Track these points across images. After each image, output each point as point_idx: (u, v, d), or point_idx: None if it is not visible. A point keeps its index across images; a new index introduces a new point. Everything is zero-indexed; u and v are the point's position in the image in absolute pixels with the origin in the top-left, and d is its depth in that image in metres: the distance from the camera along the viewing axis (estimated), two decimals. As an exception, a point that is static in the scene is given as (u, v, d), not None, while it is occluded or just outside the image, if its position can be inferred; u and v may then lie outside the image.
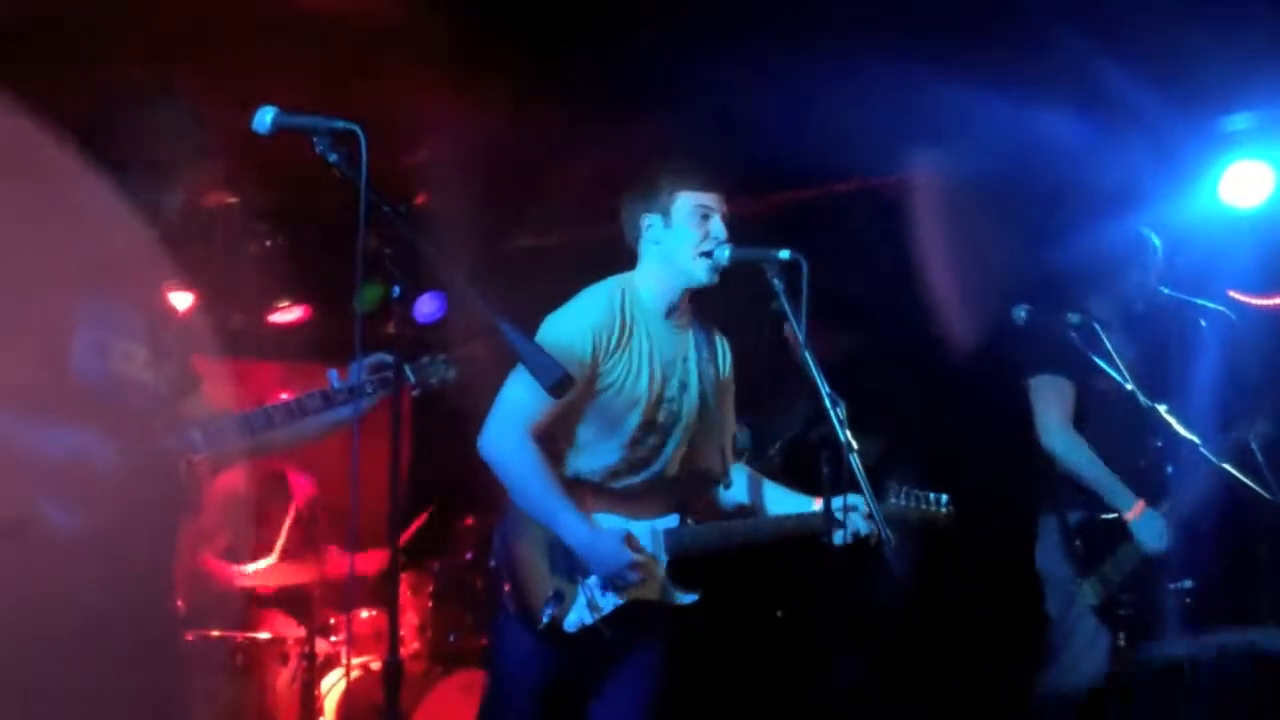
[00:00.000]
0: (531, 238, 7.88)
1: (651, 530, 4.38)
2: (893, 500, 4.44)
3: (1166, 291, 5.49)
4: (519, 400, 4.23)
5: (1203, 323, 5.41)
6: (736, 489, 4.66)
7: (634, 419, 4.37)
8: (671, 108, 5.88)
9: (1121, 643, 5.42)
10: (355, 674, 6.59)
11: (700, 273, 4.38)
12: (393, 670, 3.24)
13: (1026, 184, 6.18)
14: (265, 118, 3.28)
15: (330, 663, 6.65)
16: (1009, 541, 5.86)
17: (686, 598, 4.39)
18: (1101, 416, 5.51)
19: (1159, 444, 5.39)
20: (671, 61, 5.65)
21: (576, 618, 4.25)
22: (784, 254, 4.09)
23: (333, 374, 3.84)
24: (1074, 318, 5.19)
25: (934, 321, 6.28)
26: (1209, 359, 5.43)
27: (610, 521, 4.34)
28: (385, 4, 5.14)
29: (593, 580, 4.26)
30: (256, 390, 7.69)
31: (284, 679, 6.45)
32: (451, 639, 6.84)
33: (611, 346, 4.31)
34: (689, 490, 4.55)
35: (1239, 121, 6.26)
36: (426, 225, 5.84)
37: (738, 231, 4.42)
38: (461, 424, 4.50)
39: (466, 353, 4.03)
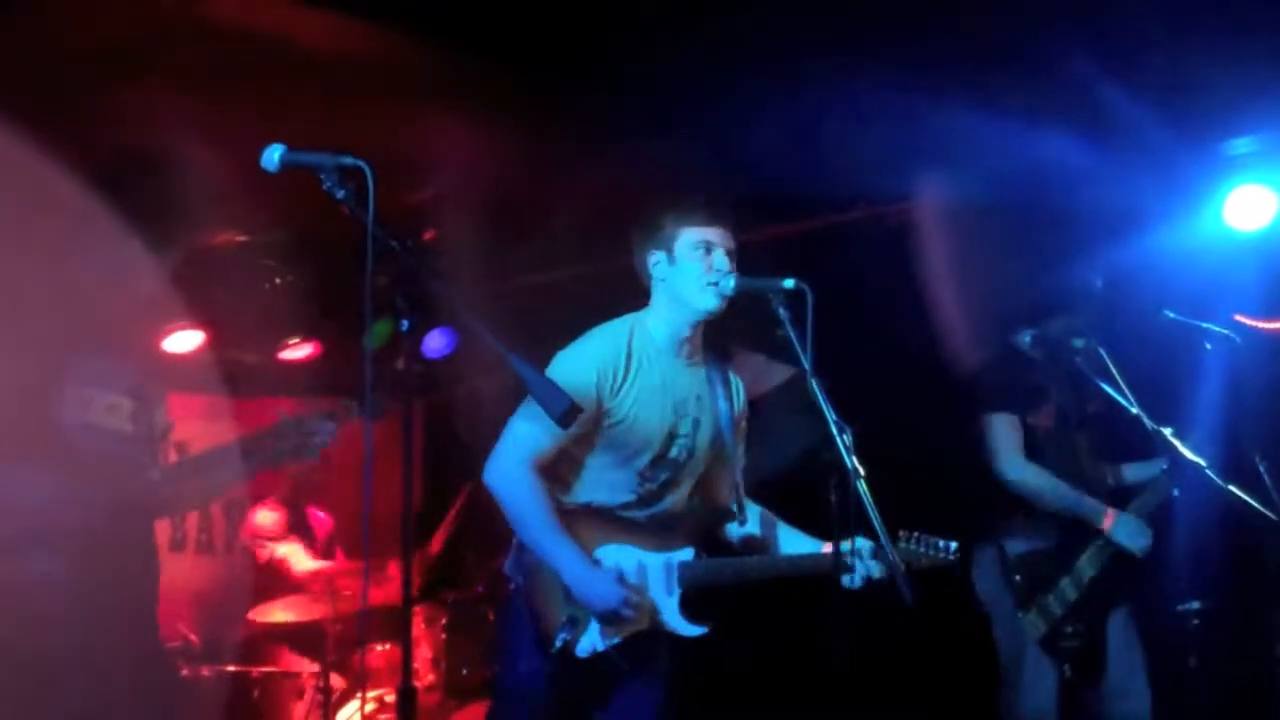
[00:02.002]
0: (539, 272, 7.91)
1: (666, 562, 4.42)
2: (903, 544, 4.44)
3: (1171, 315, 5.51)
4: (524, 433, 4.30)
5: (1208, 346, 5.43)
6: (750, 525, 4.69)
7: (645, 455, 4.42)
8: (677, 140, 5.91)
9: (1068, 674, 5.43)
10: (370, 706, 6.61)
11: (708, 302, 4.42)
12: (406, 696, 3.27)
13: (1031, 209, 6.19)
14: (273, 155, 3.31)
15: (345, 696, 6.66)
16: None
17: (695, 630, 4.42)
18: (1032, 450, 5.56)
19: (1084, 476, 5.46)
20: (676, 94, 5.67)
21: (589, 644, 4.29)
22: (789, 283, 4.13)
23: (283, 413, 3.96)
24: (1078, 342, 5.22)
25: (940, 347, 6.28)
26: (1214, 382, 5.45)
27: (624, 552, 4.39)
28: (390, 43, 5.18)
29: None
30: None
31: (299, 713, 6.48)
32: (465, 671, 6.84)
33: (618, 384, 4.36)
34: (703, 524, 4.61)
35: (1242, 145, 6.27)
36: (434, 261, 5.89)
37: (743, 261, 4.46)
38: (474, 457, 4.53)
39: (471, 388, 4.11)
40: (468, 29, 5.21)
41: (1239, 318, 5.65)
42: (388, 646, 6.89)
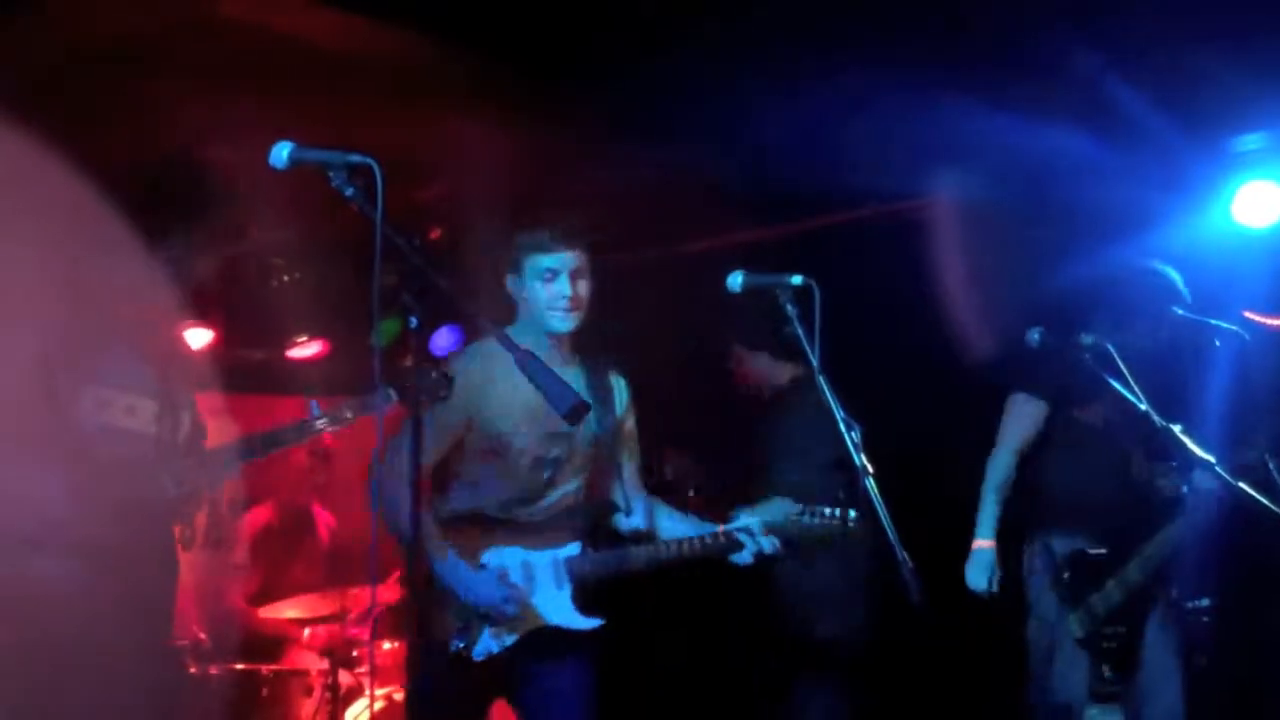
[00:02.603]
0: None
1: (553, 559, 4.58)
2: (794, 518, 4.66)
3: (1180, 312, 5.50)
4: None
5: (1217, 343, 5.42)
6: (636, 517, 4.82)
7: (523, 458, 4.56)
8: (685, 138, 5.91)
9: (1106, 674, 5.44)
10: (379, 704, 6.61)
11: (555, 324, 4.60)
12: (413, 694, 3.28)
13: (1039, 206, 6.19)
14: (281, 153, 3.32)
15: (353, 694, 6.66)
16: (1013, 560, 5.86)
17: (589, 623, 4.57)
18: (1074, 445, 5.55)
19: (1133, 475, 5.46)
20: (684, 92, 5.67)
21: (483, 648, 4.43)
22: (796, 279, 4.14)
23: (313, 403, 3.94)
24: (1087, 339, 5.20)
25: (950, 345, 6.28)
26: (1223, 379, 5.44)
27: (509, 553, 4.54)
28: (398, 41, 5.18)
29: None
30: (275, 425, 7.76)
31: (308, 711, 6.48)
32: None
33: (479, 394, 4.49)
34: (589, 519, 4.73)
35: (1251, 142, 6.26)
36: (442, 258, 5.89)
37: (751, 258, 4.46)
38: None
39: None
40: (476, 27, 5.22)
41: (1248, 314, 5.63)
42: (396, 644, 6.88)
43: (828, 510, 4.64)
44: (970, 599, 5.65)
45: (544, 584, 4.56)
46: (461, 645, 4.41)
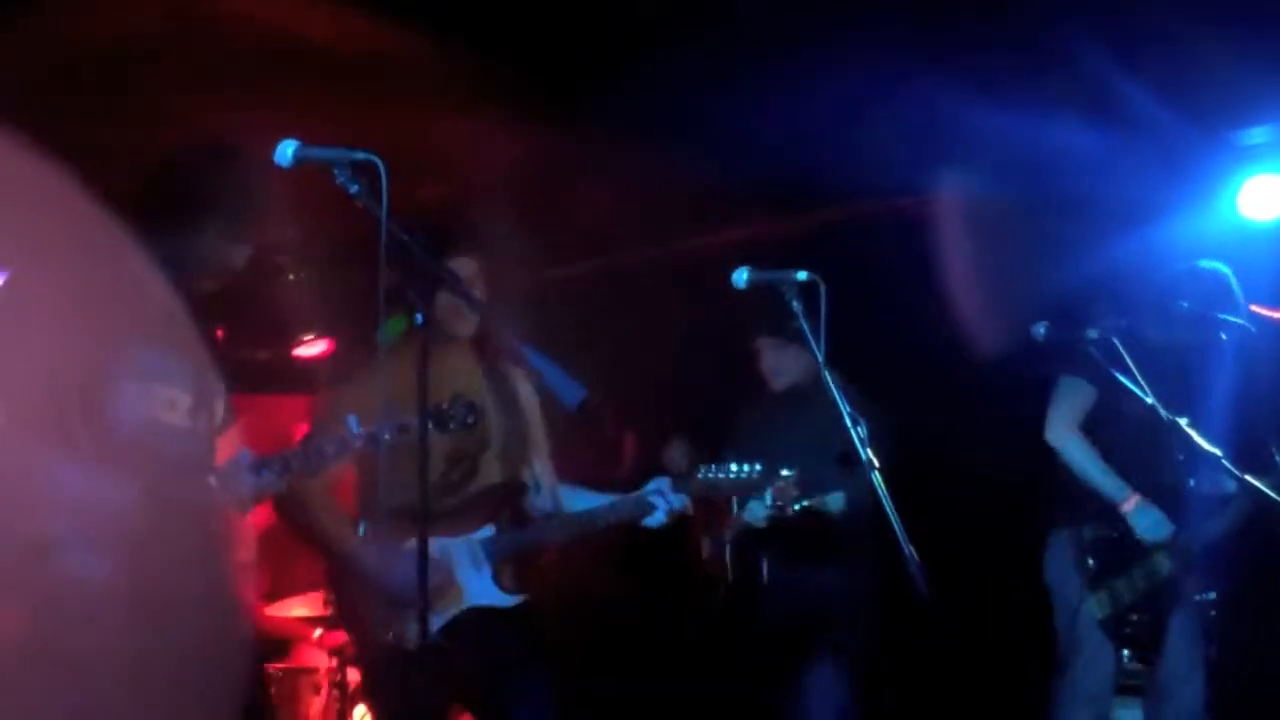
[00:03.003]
0: (552, 268, 7.91)
1: (469, 542, 4.67)
2: (702, 475, 4.88)
3: (1185, 305, 5.49)
4: None
5: (1222, 336, 5.41)
6: (544, 496, 4.95)
7: (436, 454, 4.51)
8: (689, 134, 5.91)
9: (1127, 661, 5.44)
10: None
11: (456, 329, 4.67)
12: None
13: (1044, 200, 6.19)
14: (286, 151, 3.33)
15: (362, 692, 6.67)
16: (1022, 554, 5.87)
17: (511, 599, 4.67)
18: (1120, 439, 5.54)
19: (1169, 469, 5.46)
20: (689, 88, 5.68)
21: (412, 634, 4.33)
22: (802, 275, 4.13)
23: (351, 419, 3.94)
24: (1093, 333, 5.20)
25: (957, 338, 6.28)
26: (1228, 372, 5.43)
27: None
28: (405, 40, 5.19)
29: None
30: (282, 424, 7.78)
31: (316, 708, 6.49)
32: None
33: (396, 390, 4.45)
34: (502, 502, 4.80)
35: (1256, 135, 6.27)
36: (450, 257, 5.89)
37: (757, 254, 4.46)
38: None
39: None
40: (480, 26, 5.23)
41: (1254, 308, 5.62)
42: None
43: (736, 466, 4.88)
44: (978, 595, 5.66)
45: (463, 567, 4.64)
46: (390, 635, 4.44)
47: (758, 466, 4.92)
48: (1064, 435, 5.58)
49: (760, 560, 5.69)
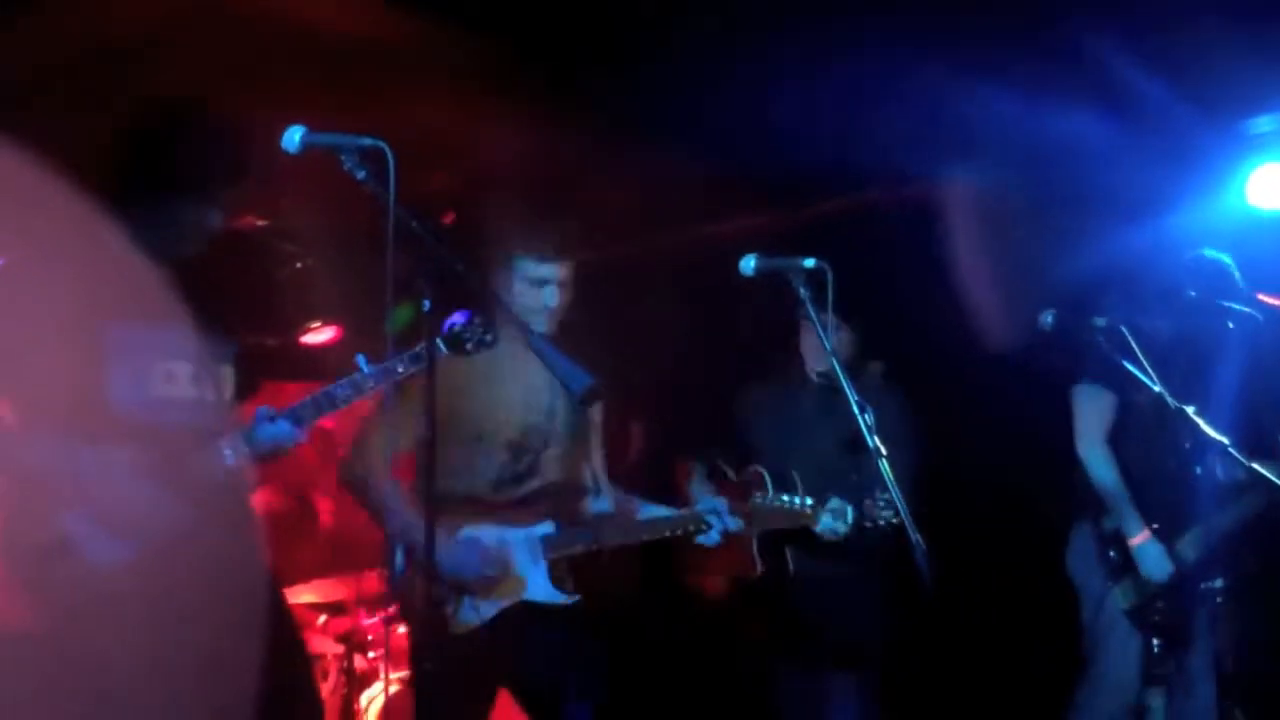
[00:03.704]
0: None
1: (528, 537, 4.67)
2: (760, 501, 5.06)
3: (1193, 294, 5.49)
4: (376, 436, 4.64)
5: (1230, 325, 5.41)
6: (604, 501, 5.00)
7: (502, 445, 4.69)
8: (700, 121, 5.91)
9: (1156, 649, 5.44)
10: (394, 688, 6.64)
11: (537, 326, 4.63)
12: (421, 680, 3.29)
13: (1052, 189, 6.18)
14: (294, 137, 3.34)
15: (369, 677, 6.69)
16: (1043, 547, 5.87)
17: (565, 598, 4.69)
18: (1135, 428, 5.55)
19: (1179, 456, 5.48)
20: (698, 76, 5.67)
21: (463, 620, 4.52)
22: (809, 262, 4.16)
23: (360, 358, 3.90)
24: (1100, 322, 5.20)
25: (968, 329, 6.28)
26: (1236, 361, 5.43)
27: (487, 532, 4.62)
28: (415, 26, 5.19)
29: None
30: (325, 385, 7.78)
31: (324, 694, 6.50)
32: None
33: (465, 381, 4.55)
34: (563, 500, 4.84)
35: (1265, 124, 6.24)
36: (456, 243, 5.90)
37: (765, 241, 4.47)
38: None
39: None
40: (488, 12, 5.22)
41: (1261, 296, 5.62)
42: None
43: (789, 497, 5.04)
44: (997, 591, 5.67)
45: (521, 561, 4.65)
46: (438, 617, 4.47)
47: (809, 500, 5.07)
48: (1094, 452, 5.61)
49: (785, 553, 5.68)
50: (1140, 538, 5.48)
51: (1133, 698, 5.53)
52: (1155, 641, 5.48)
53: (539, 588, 4.65)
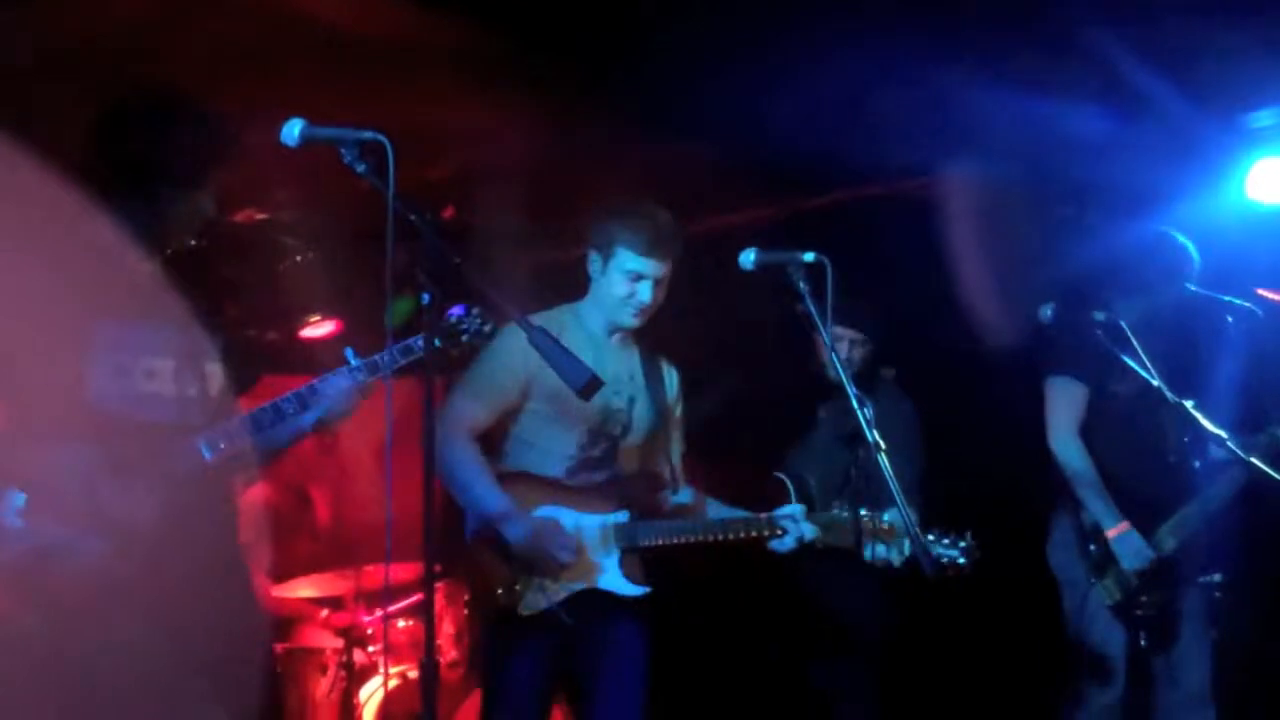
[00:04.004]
0: (562, 249, 7.91)
1: (602, 524, 4.65)
2: (837, 512, 4.92)
3: (1193, 288, 5.50)
4: (458, 407, 4.63)
5: (1229, 319, 5.42)
6: (683, 495, 4.99)
7: (581, 428, 4.68)
8: (700, 115, 5.91)
9: (1143, 643, 5.45)
10: (393, 682, 6.64)
11: (624, 320, 4.73)
12: (429, 671, 3.30)
13: (1052, 183, 6.18)
14: (293, 130, 3.34)
15: (368, 672, 6.69)
16: (1027, 539, 5.88)
17: (635, 590, 4.65)
18: (1113, 420, 5.56)
19: (1171, 448, 5.47)
20: (700, 69, 5.67)
21: (531, 602, 4.49)
22: (809, 256, 4.16)
23: (348, 351, 3.91)
24: (1099, 315, 5.21)
25: (964, 322, 6.28)
26: (1235, 355, 5.44)
27: (560, 513, 4.62)
28: (417, 19, 5.18)
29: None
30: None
31: (322, 689, 6.51)
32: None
33: (539, 364, 4.44)
34: (638, 491, 4.81)
35: (1265, 118, 6.25)
36: (457, 237, 5.90)
37: (765, 234, 4.48)
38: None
39: None
40: (490, 7, 5.22)
41: (1261, 291, 5.62)
42: (411, 622, 6.91)
43: (867, 511, 4.82)
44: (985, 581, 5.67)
45: (592, 547, 4.62)
46: (508, 599, 4.48)
47: (885, 516, 4.81)
48: (1067, 445, 5.61)
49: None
50: (1117, 529, 5.48)
51: (1120, 690, 5.53)
52: (1141, 635, 5.49)
53: (610, 577, 4.63)
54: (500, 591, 4.50)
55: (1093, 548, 5.53)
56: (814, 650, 5.89)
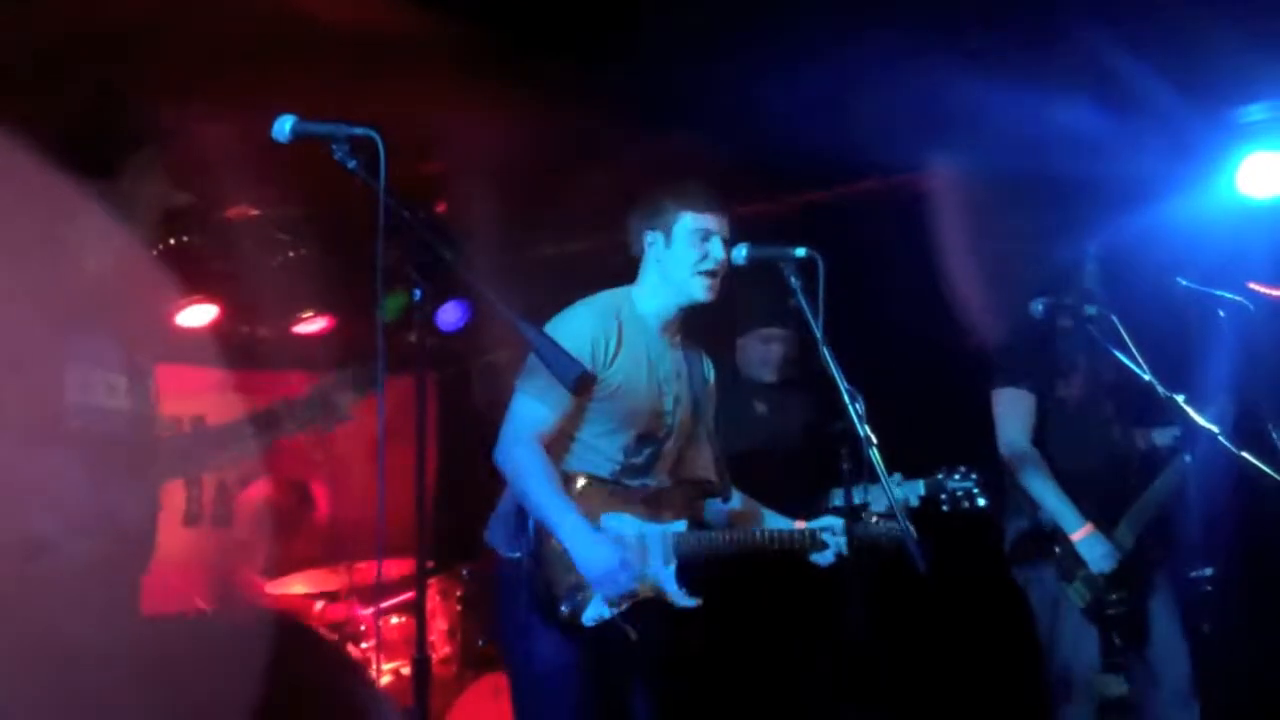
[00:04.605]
0: (554, 244, 7.91)
1: (663, 534, 4.52)
2: (875, 524, 4.78)
3: (1184, 283, 5.51)
4: (527, 410, 4.40)
5: (1221, 313, 5.43)
6: (734, 501, 4.84)
7: (631, 430, 4.52)
8: (691, 110, 5.91)
9: (1117, 642, 5.46)
10: (386, 679, 6.65)
11: (698, 291, 4.55)
12: (421, 666, 3.30)
13: (1042, 178, 6.18)
14: (284, 126, 3.33)
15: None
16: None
17: (690, 601, 4.51)
18: (1062, 424, 5.58)
19: (1118, 445, 5.54)
20: (691, 64, 5.67)
21: (595, 613, 4.33)
22: (800, 252, 4.16)
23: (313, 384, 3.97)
24: (1090, 309, 5.22)
25: (952, 317, 6.29)
26: (1227, 349, 5.45)
27: (625, 521, 4.47)
28: (408, 14, 5.18)
29: None
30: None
31: (316, 685, 6.51)
32: (481, 643, 6.87)
33: (610, 355, 4.45)
34: (689, 499, 4.70)
35: (1255, 112, 6.26)
36: (449, 232, 5.90)
37: (756, 230, 4.48)
38: (488, 430, 4.57)
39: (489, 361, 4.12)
40: (479, 1, 5.23)
41: (1252, 285, 5.64)
42: (403, 619, 6.92)
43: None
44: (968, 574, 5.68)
45: (654, 557, 4.50)
46: (572, 607, 4.32)
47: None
48: (1023, 452, 5.60)
49: None
50: (1081, 533, 5.48)
51: (1095, 689, 5.54)
52: (1114, 636, 5.50)
53: (668, 587, 4.50)
54: (567, 598, 4.32)
55: (1057, 549, 5.52)
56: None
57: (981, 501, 4.91)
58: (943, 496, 4.91)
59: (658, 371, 4.56)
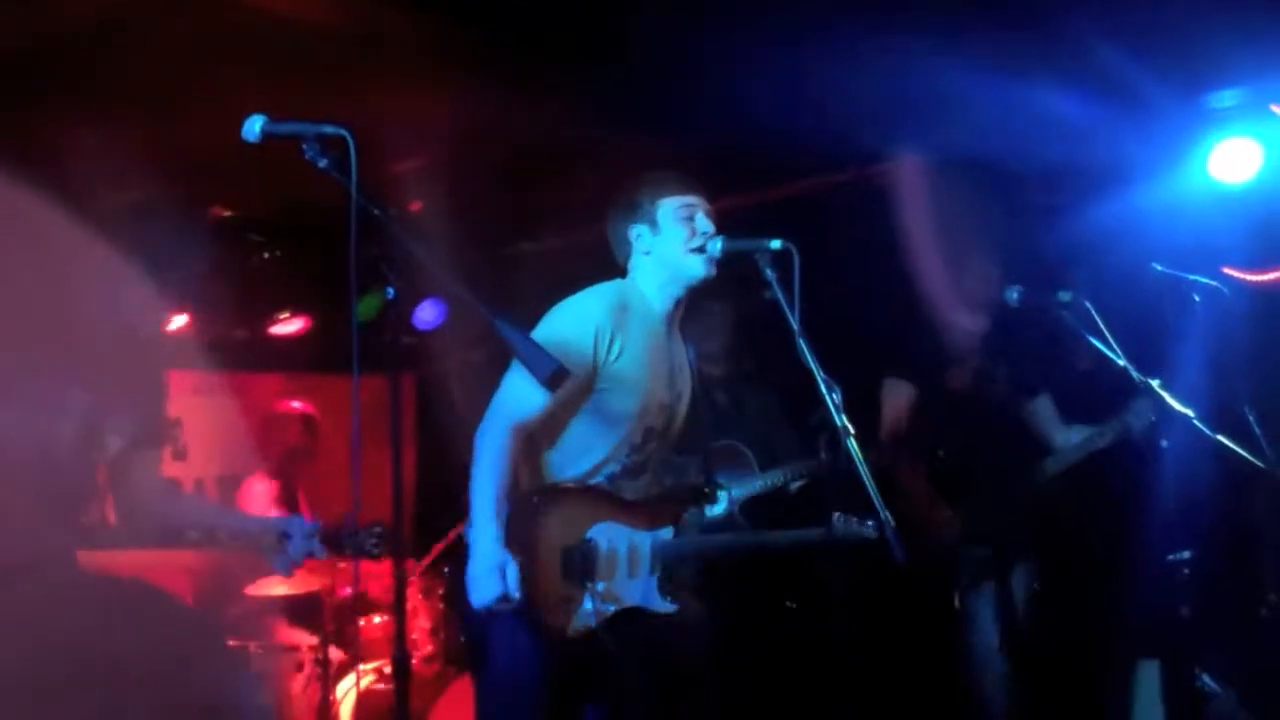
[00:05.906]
0: (531, 242, 7.91)
1: (653, 541, 4.43)
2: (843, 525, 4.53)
3: (1159, 268, 5.52)
4: (509, 397, 4.28)
5: (1196, 298, 5.45)
6: (720, 506, 4.85)
7: (635, 422, 4.40)
8: (666, 105, 5.91)
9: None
10: (368, 679, 6.64)
11: (696, 268, 4.43)
12: (401, 665, 3.30)
13: (1015, 164, 6.20)
14: (254, 126, 3.32)
15: (344, 669, 6.68)
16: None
17: (669, 606, 4.42)
18: (953, 414, 5.62)
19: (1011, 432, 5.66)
20: (666, 60, 5.67)
21: (581, 623, 4.25)
22: (775, 243, 4.13)
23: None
24: (1065, 296, 5.24)
25: (928, 307, 6.30)
26: (1202, 334, 5.47)
27: (617, 531, 4.36)
28: (386, 13, 5.18)
29: (600, 586, 4.28)
30: (259, 402, 7.78)
31: (298, 686, 6.50)
32: (464, 640, 6.85)
33: (613, 343, 4.33)
34: (680, 503, 4.59)
35: (1227, 98, 6.27)
36: (424, 230, 5.90)
37: (731, 223, 4.47)
38: (467, 429, 4.54)
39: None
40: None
41: (1226, 270, 5.66)
42: (385, 618, 6.91)
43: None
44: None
45: (644, 566, 4.41)
46: (559, 617, 4.22)
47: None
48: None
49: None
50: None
51: (999, 666, 5.62)
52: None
53: (651, 595, 4.41)
54: (554, 607, 4.23)
55: None
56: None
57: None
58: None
59: (665, 363, 4.47)
